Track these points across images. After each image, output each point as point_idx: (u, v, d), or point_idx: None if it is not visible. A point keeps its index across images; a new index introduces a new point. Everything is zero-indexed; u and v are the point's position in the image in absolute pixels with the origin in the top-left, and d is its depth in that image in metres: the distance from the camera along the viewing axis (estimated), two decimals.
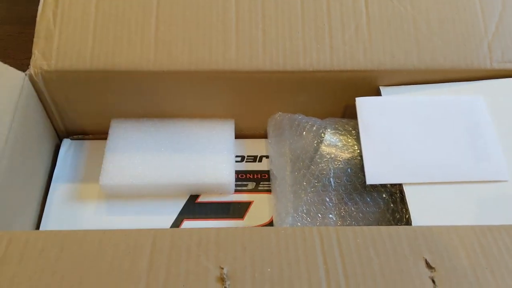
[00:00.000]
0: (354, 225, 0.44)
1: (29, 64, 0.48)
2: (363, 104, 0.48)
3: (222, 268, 0.35)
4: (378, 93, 0.51)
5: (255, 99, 0.53)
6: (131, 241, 0.38)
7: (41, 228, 0.48)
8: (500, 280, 0.35)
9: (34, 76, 0.48)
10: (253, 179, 0.53)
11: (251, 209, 0.50)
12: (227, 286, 0.34)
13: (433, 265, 0.35)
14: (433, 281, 0.34)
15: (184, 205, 0.50)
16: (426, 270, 0.35)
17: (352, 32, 0.51)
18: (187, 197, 0.50)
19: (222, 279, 0.35)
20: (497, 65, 0.50)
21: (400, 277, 0.35)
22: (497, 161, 0.43)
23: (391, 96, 0.49)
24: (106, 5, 0.51)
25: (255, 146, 0.56)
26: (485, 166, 0.43)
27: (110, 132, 0.53)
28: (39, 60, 0.48)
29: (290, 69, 0.49)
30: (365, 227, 0.38)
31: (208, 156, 0.51)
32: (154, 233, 0.38)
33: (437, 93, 0.49)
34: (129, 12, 0.51)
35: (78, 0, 0.51)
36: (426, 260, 0.35)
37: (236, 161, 0.54)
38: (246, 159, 0.54)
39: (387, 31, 0.51)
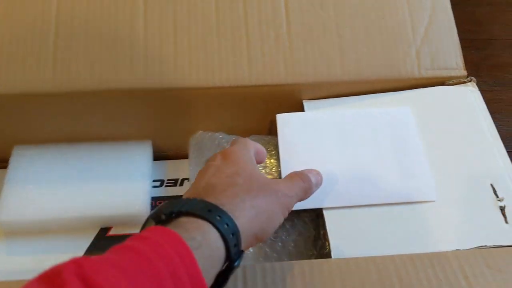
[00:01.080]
0: (274, 256, 0.40)
1: None
2: (283, 120, 0.44)
3: None
4: (303, 108, 0.47)
5: (172, 118, 0.49)
6: None
7: None
8: None
9: None
10: None
11: None
12: None
13: None
14: None
15: (93, 240, 0.45)
16: None
17: (272, 41, 0.47)
18: (97, 230, 0.46)
19: None
20: (425, 73, 0.47)
21: None
22: (424, 180, 0.40)
23: (314, 111, 0.45)
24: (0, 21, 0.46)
25: (176, 168, 0.51)
26: (412, 186, 0.40)
27: (11, 160, 0.47)
28: None
29: (204, 85, 0.45)
30: (276, 264, 0.34)
31: (120, 183, 0.46)
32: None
33: (362, 105, 0.45)
34: (25, 28, 0.46)
35: None
36: None
37: (154, 186, 0.49)
38: (166, 183, 0.50)
39: (309, 40, 0.47)
